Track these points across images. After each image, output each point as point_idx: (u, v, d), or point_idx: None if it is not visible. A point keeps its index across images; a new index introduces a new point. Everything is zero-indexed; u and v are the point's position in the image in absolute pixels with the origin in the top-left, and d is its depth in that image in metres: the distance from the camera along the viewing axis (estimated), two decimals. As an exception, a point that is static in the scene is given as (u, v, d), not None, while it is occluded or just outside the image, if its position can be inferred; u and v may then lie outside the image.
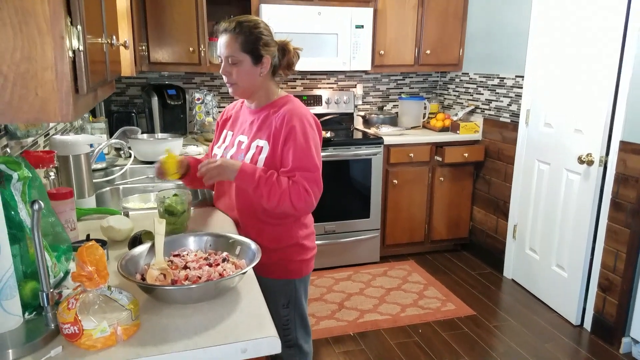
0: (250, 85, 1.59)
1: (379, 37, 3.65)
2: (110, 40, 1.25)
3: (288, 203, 1.50)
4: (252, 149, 1.59)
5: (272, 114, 1.59)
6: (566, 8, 2.88)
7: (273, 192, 1.49)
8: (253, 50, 1.54)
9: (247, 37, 1.53)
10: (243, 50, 1.53)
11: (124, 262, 1.19)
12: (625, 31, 2.50)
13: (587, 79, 2.74)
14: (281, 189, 1.49)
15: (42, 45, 0.85)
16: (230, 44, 1.53)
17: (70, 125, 2.68)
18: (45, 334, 0.96)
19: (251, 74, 1.56)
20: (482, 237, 3.80)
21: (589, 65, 2.73)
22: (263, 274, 1.60)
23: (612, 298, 2.66)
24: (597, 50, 2.67)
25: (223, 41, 1.55)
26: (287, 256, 1.66)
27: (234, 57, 1.54)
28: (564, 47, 2.90)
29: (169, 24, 3.18)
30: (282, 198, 1.50)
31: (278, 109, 1.59)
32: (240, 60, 1.54)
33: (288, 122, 1.53)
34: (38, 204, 0.95)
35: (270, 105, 1.63)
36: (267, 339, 1.01)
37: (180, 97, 3.39)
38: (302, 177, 1.52)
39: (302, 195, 1.50)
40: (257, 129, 1.61)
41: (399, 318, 2.94)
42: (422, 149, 3.64)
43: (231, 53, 1.53)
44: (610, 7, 2.57)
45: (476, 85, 3.80)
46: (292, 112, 1.56)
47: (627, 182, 2.54)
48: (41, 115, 0.89)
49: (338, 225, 3.55)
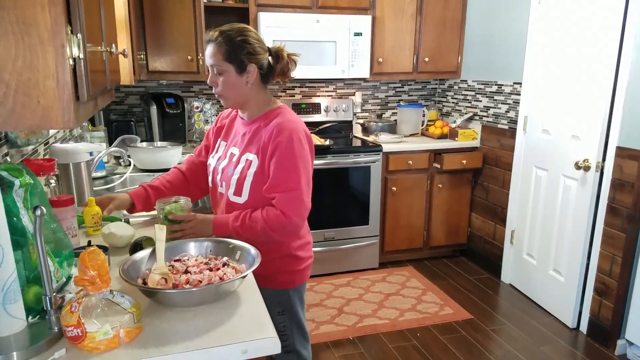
0: (238, 96, 1.56)
1: (378, 44, 3.68)
2: (109, 48, 1.27)
3: (271, 235, 1.50)
4: (241, 162, 1.57)
5: (263, 127, 1.55)
6: (564, 16, 2.91)
7: (254, 233, 1.49)
8: (236, 59, 1.51)
9: (229, 47, 1.50)
10: (226, 59, 1.50)
11: (125, 267, 1.21)
12: (622, 39, 2.53)
13: (584, 85, 2.78)
14: (258, 227, 1.48)
15: (44, 54, 0.88)
16: (214, 54, 1.51)
17: (70, 133, 2.71)
18: (49, 337, 0.98)
19: (237, 84, 1.53)
20: (480, 243, 3.82)
21: (586, 72, 2.76)
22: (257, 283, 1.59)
23: (608, 302, 2.68)
24: (594, 57, 2.70)
25: (208, 51, 1.53)
26: (279, 267, 1.62)
27: (218, 67, 1.52)
28: (562, 54, 2.94)
29: (168, 33, 3.21)
30: (264, 234, 1.49)
31: (269, 122, 1.56)
32: (224, 70, 1.52)
33: (276, 137, 1.50)
34: (40, 210, 0.97)
35: (262, 117, 1.59)
36: (266, 339, 1.03)
37: (179, 105, 3.42)
38: (280, 200, 1.49)
39: (280, 222, 1.48)
40: (248, 142, 1.58)
41: (397, 322, 2.95)
42: (421, 157, 3.66)
43: (215, 62, 1.52)
44: (607, 16, 2.61)
45: (474, 93, 3.83)
46: (281, 126, 1.51)
47: (624, 187, 2.57)
48: (43, 123, 0.91)
49: (337, 232, 3.57)
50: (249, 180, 1.54)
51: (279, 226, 1.49)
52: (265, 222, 1.48)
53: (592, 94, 2.72)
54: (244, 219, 1.50)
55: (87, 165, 2.00)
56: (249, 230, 1.49)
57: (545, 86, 3.08)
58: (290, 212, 1.48)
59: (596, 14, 2.67)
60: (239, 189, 1.56)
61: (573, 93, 2.86)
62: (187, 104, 3.57)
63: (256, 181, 1.54)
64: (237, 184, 1.57)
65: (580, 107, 2.80)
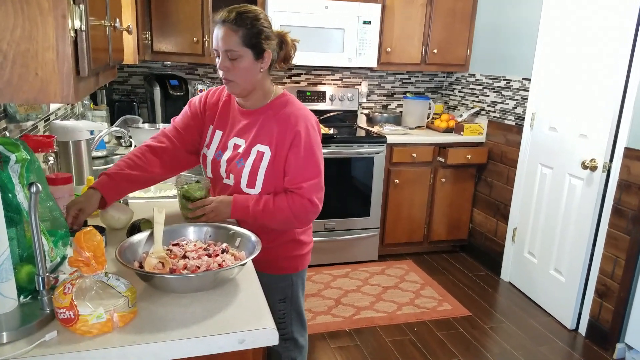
0: (249, 83, 1.47)
1: (386, 34, 3.62)
2: (113, 23, 1.23)
3: (294, 223, 1.52)
4: (252, 154, 1.51)
5: (272, 116, 1.51)
6: (577, 11, 2.86)
7: (275, 220, 1.49)
8: (255, 44, 1.42)
9: (248, 30, 1.40)
10: (244, 44, 1.41)
11: (122, 250, 1.18)
12: (635, 36, 2.48)
13: (594, 83, 2.73)
14: (283, 215, 1.48)
15: (44, 24, 0.84)
16: (229, 37, 1.40)
17: (71, 111, 2.67)
18: (40, 318, 0.95)
19: (251, 70, 1.45)
20: (481, 240, 3.79)
21: (597, 70, 2.71)
22: (259, 269, 1.57)
23: (609, 304, 2.65)
24: (606, 55, 2.65)
25: (221, 33, 1.41)
26: (284, 252, 1.63)
27: (233, 52, 1.41)
28: (573, 50, 2.88)
29: (174, 14, 3.16)
30: (286, 222, 1.50)
31: (277, 111, 1.51)
32: (240, 55, 1.41)
33: (293, 127, 1.47)
34: (36, 187, 0.93)
35: (268, 106, 1.53)
36: (264, 330, 1.00)
37: (182, 87, 3.37)
38: (308, 190, 1.48)
39: (307, 209, 1.49)
40: (257, 132, 1.51)
41: (395, 316, 2.93)
42: (425, 150, 3.62)
43: (231, 47, 1.40)
44: (621, 13, 2.55)
45: (482, 87, 3.78)
46: (296, 116, 1.49)
47: (630, 188, 2.53)
48: (41, 96, 0.87)
49: (338, 223, 3.54)
50: (262, 172, 1.50)
51: (304, 215, 1.50)
52: (292, 210, 1.48)
53: (602, 92, 2.67)
54: (267, 204, 1.47)
55: (88, 144, 1.97)
56: (270, 216, 1.47)
57: (555, 83, 3.03)
58: (316, 201, 1.50)
59: (610, 11, 2.61)
60: (252, 180, 1.52)
61: (583, 91, 2.81)
62: (190, 86, 3.53)
63: (270, 172, 1.50)
64: (249, 176, 1.52)
65: (590, 106, 2.76)
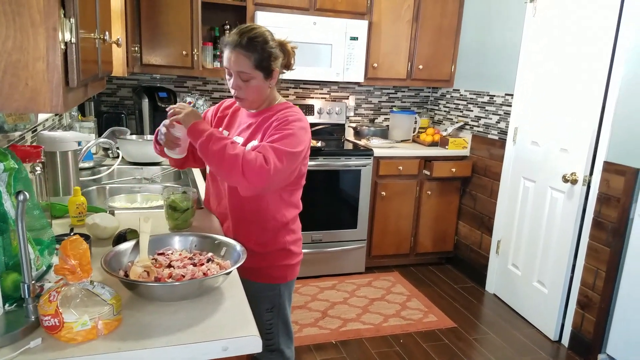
0: (260, 99, 1.60)
1: (373, 49, 3.69)
2: (102, 36, 1.25)
3: (238, 171, 1.38)
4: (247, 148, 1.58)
5: (272, 116, 1.60)
6: (557, 30, 2.94)
7: (221, 153, 1.40)
8: (265, 66, 1.53)
9: (260, 55, 1.51)
10: (255, 67, 1.52)
11: (107, 258, 1.19)
12: (613, 53, 2.56)
13: (574, 99, 2.80)
14: (234, 152, 1.40)
15: (35, 36, 0.86)
16: (241, 61, 1.50)
17: (59, 122, 2.67)
18: (25, 326, 0.95)
19: (262, 88, 1.57)
20: (466, 252, 3.83)
21: (577, 87, 2.79)
22: (249, 278, 1.61)
23: (590, 315, 2.70)
24: (585, 72, 2.73)
25: (234, 57, 1.51)
26: (274, 261, 1.66)
27: (246, 74, 1.52)
28: (554, 67, 2.96)
29: (164, 27, 3.19)
30: (232, 162, 1.38)
31: (276, 113, 1.60)
32: (252, 77, 1.53)
33: (283, 118, 1.55)
34: (23, 195, 0.95)
35: (269, 109, 1.63)
36: (248, 337, 1.01)
37: (171, 100, 3.39)
38: (268, 147, 1.44)
39: (256, 164, 1.38)
40: (254, 131, 1.61)
41: (381, 328, 2.94)
42: (411, 163, 3.67)
43: (243, 70, 1.51)
44: (600, 32, 2.64)
45: (466, 102, 3.85)
46: (290, 112, 1.58)
47: (609, 202, 2.59)
48: (31, 105, 0.89)
49: (325, 235, 3.56)
50: None
51: (251, 166, 1.38)
52: (244, 153, 1.40)
53: (582, 108, 2.75)
54: (226, 138, 1.45)
55: (75, 155, 1.98)
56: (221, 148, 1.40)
57: (536, 98, 3.10)
58: (272, 161, 1.41)
59: (589, 30, 2.70)
60: None
61: (563, 107, 2.88)
62: (179, 99, 3.55)
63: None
64: None
65: (570, 121, 2.83)
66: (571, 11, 2.82)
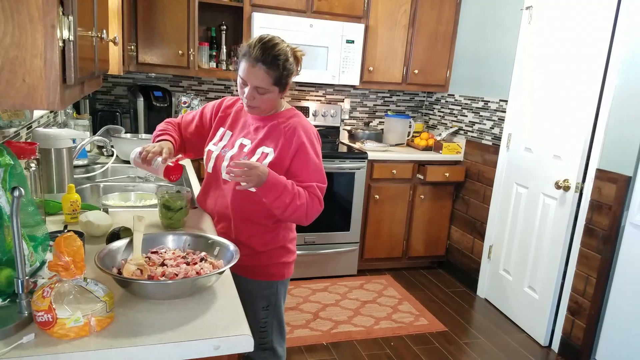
0: (271, 108, 1.63)
1: (369, 53, 3.71)
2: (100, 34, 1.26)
3: (302, 214, 1.55)
4: (256, 154, 1.61)
5: (281, 124, 1.62)
6: (553, 37, 2.97)
7: (292, 203, 1.51)
8: (284, 83, 1.57)
9: (280, 73, 1.53)
10: (274, 84, 1.55)
11: (101, 256, 1.19)
12: (607, 64, 2.59)
13: (568, 107, 2.83)
14: (301, 201, 1.53)
15: (33, 33, 0.87)
16: (262, 77, 1.52)
17: (54, 120, 2.66)
18: (18, 321, 0.95)
19: (275, 100, 1.61)
20: (458, 256, 3.85)
21: (571, 94, 2.82)
22: (247, 276, 1.63)
23: (580, 321, 2.72)
24: (579, 79, 2.76)
25: (254, 72, 1.51)
26: (273, 258, 1.69)
27: (264, 89, 1.54)
28: (548, 74, 2.99)
29: (160, 26, 3.19)
30: (299, 209, 1.53)
31: (286, 120, 1.63)
32: (269, 91, 1.55)
33: (299, 137, 1.59)
34: (18, 191, 0.95)
35: (277, 115, 1.65)
36: (240, 337, 1.02)
37: (166, 99, 3.39)
38: (318, 189, 1.58)
39: (315, 206, 1.57)
40: (264, 136, 1.62)
41: (372, 330, 2.95)
42: (405, 167, 3.69)
43: (262, 85, 1.53)
44: (595, 41, 2.67)
45: (461, 107, 3.88)
46: (302, 127, 1.62)
47: (601, 209, 2.62)
48: (28, 101, 0.90)
49: (318, 237, 3.57)
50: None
51: (311, 209, 1.56)
52: (308, 201, 1.55)
53: (575, 115, 2.77)
54: (293, 186, 1.53)
55: (69, 152, 1.97)
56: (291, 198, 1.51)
57: (531, 105, 3.13)
58: (322, 202, 1.59)
59: (584, 38, 2.73)
60: None
61: (557, 113, 2.91)
62: (174, 98, 3.55)
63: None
64: None
65: (564, 128, 2.86)
66: (567, 19, 2.85)
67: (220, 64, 3.54)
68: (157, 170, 1.61)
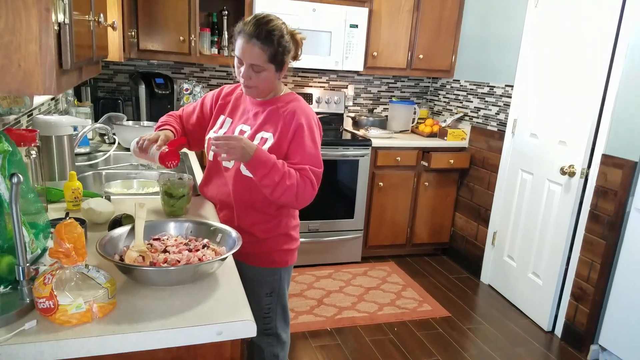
0: (268, 89, 1.60)
1: (373, 38, 3.67)
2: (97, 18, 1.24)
3: (292, 196, 1.51)
4: (256, 139, 1.59)
5: (280, 109, 1.59)
6: (559, 22, 2.92)
7: (282, 182, 1.48)
8: (279, 60, 1.54)
9: (276, 49, 1.51)
10: (270, 61, 1.52)
11: (103, 243, 1.18)
12: (614, 48, 2.55)
13: (574, 92, 2.79)
14: (291, 181, 1.49)
15: (27, 17, 0.85)
16: (257, 54, 1.49)
17: (55, 107, 2.65)
18: (20, 308, 0.95)
19: (272, 80, 1.57)
20: (462, 243, 3.85)
21: (577, 79, 2.78)
22: (251, 263, 1.63)
23: (584, 307, 2.72)
24: (586, 64, 2.72)
25: (249, 48, 1.49)
26: (276, 245, 1.68)
27: (258, 67, 1.52)
28: (554, 59, 2.95)
29: (161, 12, 3.16)
30: (289, 190, 1.50)
31: (285, 105, 1.60)
32: (265, 69, 1.53)
33: (297, 120, 1.56)
34: (17, 177, 0.94)
35: (277, 99, 1.63)
36: (242, 322, 1.02)
37: (168, 86, 3.37)
38: (311, 172, 1.54)
39: (307, 190, 1.53)
40: (263, 121, 1.61)
41: (376, 316, 2.96)
42: (409, 154, 3.66)
43: (257, 62, 1.51)
44: (602, 25, 2.62)
45: (466, 93, 3.84)
46: (302, 111, 1.59)
47: (606, 195, 2.59)
48: (23, 87, 0.88)
49: (322, 224, 3.56)
50: None
51: (302, 192, 1.52)
52: (298, 181, 1.51)
53: (581, 100, 2.74)
54: (284, 165, 1.51)
55: (70, 140, 1.96)
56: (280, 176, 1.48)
57: (536, 90, 3.09)
58: (316, 185, 1.56)
59: (591, 22, 2.68)
60: None
61: (563, 99, 2.87)
62: (176, 85, 3.53)
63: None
64: None
65: (569, 113, 2.82)
66: (573, 3, 2.81)
67: (222, 50, 3.51)
68: (153, 158, 1.61)
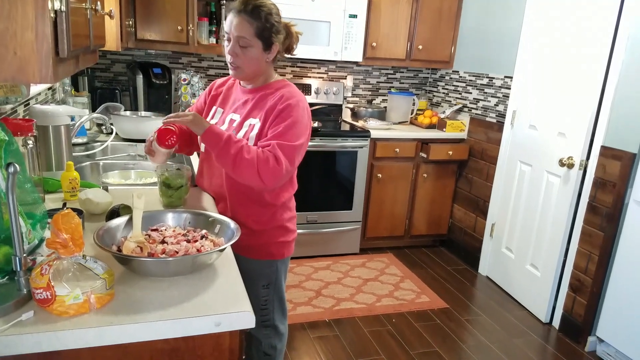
0: (255, 71, 1.58)
1: (372, 28, 3.64)
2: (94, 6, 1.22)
3: (254, 172, 1.44)
4: (244, 127, 1.58)
5: (269, 95, 1.58)
6: (559, 13, 2.91)
7: (239, 157, 1.43)
8: (266, 37, 1.52)
9: (262, 24, 1.50)
10: (256, 35, 1.51)
11: (100, 233, 1.18)
12: (614, 40, 2.54)
13: (574, 83, 2.78)
14: (250, 155, 1.44)
15: (23, 4, 0.84)
16: (244, 27, 1.49)
17: (52, 97, 2.63)
18: (17, 299, 0.95)
19: (259, 60, 1.55)
20: (460, 235, 3.85)
21: (576, 71, 2.77)
22: (247, 255, 1.62)
23: (582, 298, 2.72)
24: (586, 56, 2.71)
25: (236, 21, 1.50)
26: (271, 238, 1.68)
27: (245, 40, 1.50)
28: (554, 51, 2.94)
29: (159, 2, 3.12)
30: (249, 165, 1.43)
31: (275, 91, 1.59)
32: (251, 45, 1.51)
33: (284, 101, 1.53)
34: (13, 167, 0.93)
35: (266, 86, 1.62)
36: (241, 313, 1.01)
37: (166, 76, 3.34)
38: (277, 146, 1.47)
39: (270, 165, 1.44)
40: (251, 108, 1.60)
41: (374, 307, 2.96)
42: (408, 145, 3.65)
43: (244, 35, 1.50)
44: (602, 17, 2.60)
45: (465, 84, 3.82)
46: (290, 93, 1.57)
47: (605, 186, 2.59)
48: (19, 75, 0.87)
49: (320, 216, 3.56)
50: (251, 143, 1.55)
51: (266, 167, 1.44)
52: (258, 156, 1.45)
53: (581, 92, 2.73)
54: (240, 141, 1.48)
55: (68, 130, 1.95)
56: (236, 151, 1.44)
57: (536, 82, 3.08)
58: (283, 159, 1.46)
59: (591, 14, 2.67)
60: None
61: (562, 90, 2.86)
62: (174, 75, 3.50)
63: (257, 143, 1.55)
64: None
65: (569, 105, 2.81)
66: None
67: (220, 40, 3.48)
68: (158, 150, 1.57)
